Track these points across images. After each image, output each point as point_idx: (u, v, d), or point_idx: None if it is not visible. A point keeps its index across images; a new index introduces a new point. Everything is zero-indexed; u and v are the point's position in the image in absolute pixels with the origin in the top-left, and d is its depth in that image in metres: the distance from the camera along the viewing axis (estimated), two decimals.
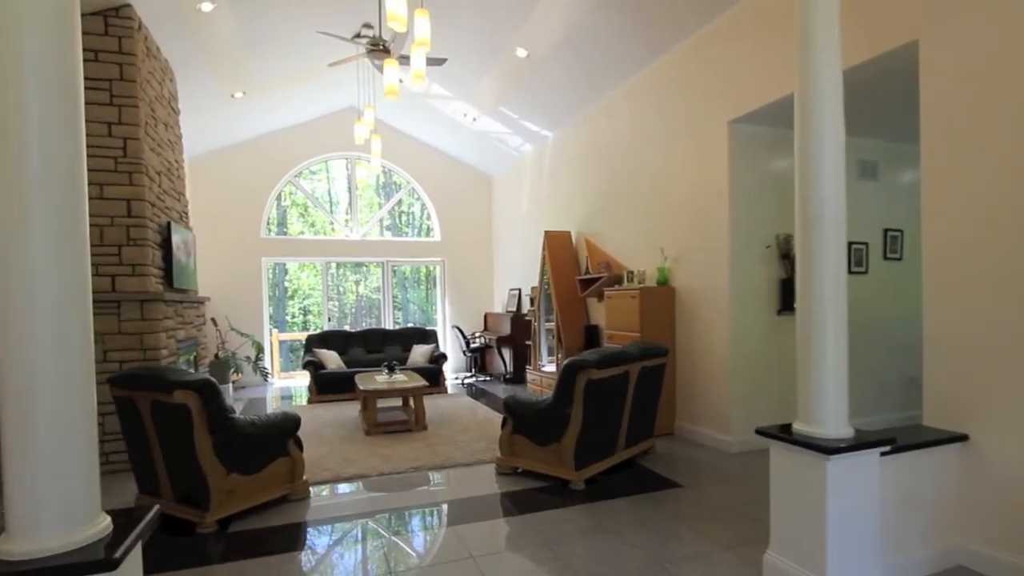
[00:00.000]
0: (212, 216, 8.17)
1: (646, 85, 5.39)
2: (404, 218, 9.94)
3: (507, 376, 8.15)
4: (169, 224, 4.63)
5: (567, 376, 3.53)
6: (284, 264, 9.16)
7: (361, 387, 5.09)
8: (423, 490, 3.73)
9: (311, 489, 3.60)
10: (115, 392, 3.08)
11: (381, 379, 5.49)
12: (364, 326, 9.31)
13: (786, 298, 4.55)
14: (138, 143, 4.26)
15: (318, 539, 2.97)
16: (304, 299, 10.39)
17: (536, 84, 6.35)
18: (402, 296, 10.25)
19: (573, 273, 6.63)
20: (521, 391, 7.34)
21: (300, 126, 8.57)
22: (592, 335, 6.28)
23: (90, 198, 4.35)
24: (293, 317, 10.12)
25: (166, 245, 4.63)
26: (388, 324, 9.27)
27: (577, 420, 3.53)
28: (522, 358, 8.01)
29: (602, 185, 6.30)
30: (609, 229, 6.15)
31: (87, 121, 4.11)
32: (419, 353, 7.43)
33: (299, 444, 3.49)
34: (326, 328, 8.93)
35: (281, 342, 9.63)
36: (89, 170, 4.21)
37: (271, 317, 9.19)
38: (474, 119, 7.81)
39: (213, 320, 7.82)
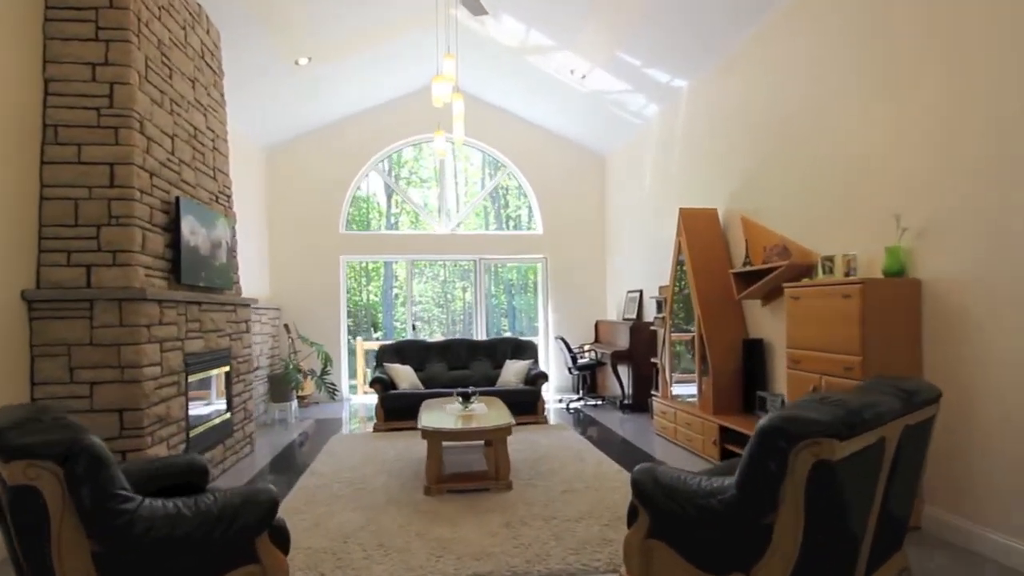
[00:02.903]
0: (289, 211, 7.35)
1: None
2: (511, 223, 8.55)
3: (625, 402, 6.34)
4: (177, 201, 3.54)
5: (768, 451, 1.73)
6: (392, 265, 8.11)
7: (422, 423, 3.64)
8: None
9: None
10: None
11: (453, 409, 4.02)
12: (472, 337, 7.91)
13: None
14: (129, 89, 3.19)
15: None
16: (414, 305, 9.49)
17: (667, 12, 4.56)
18: (507, 302, 8.89)
19: (722, 265, 4.71)
20: (646, 428, 5.49)
21: (377, 109, 7.49)
22: (754, 354, 4.32)
23: (64, 162, 3.16)
24: (402, 324, 9.20)
25: (175, 228, 3.54)
26: (480, 333, 7.88)
27: (792, 536, 1.72)
28: (645, 379, 6.16)
29: (765, 141, 4.33)
30: (781, 200, 4.17)
31: (62, 62, 3.13)
32: (512, 371, 5.89)
33: (280, 538, 2.07)
34: (409, 337, 7.74)
35: (369, 352, 8.68)
36: (63, 125, 2.97)
37: (379, 324, 8.22)
38: (583, 76, 6.17)
39: (286, 327, 6.93)
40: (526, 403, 5.49)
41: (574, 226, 7.98)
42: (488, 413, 3.93)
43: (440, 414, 3.95)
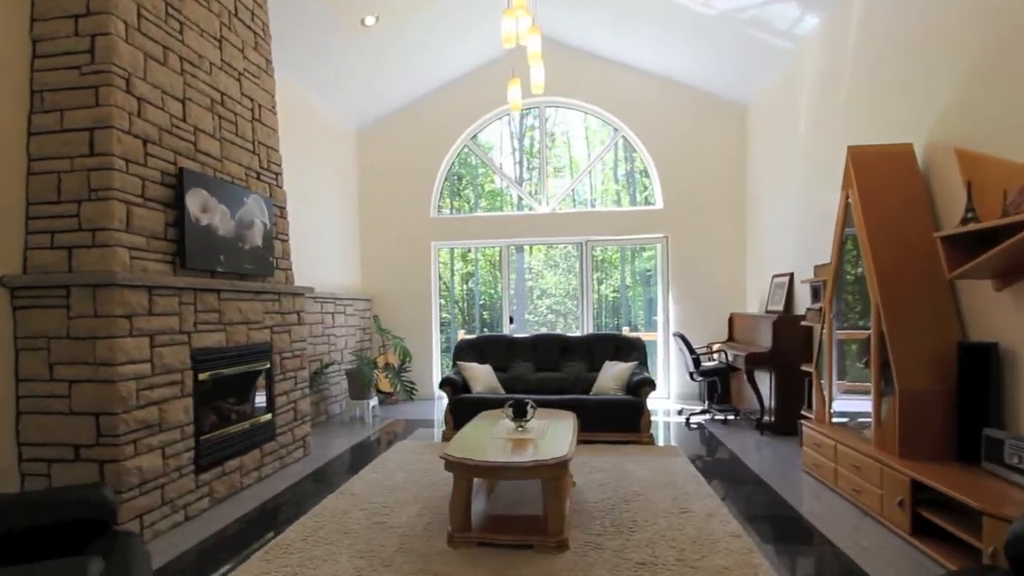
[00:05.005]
0: (379, 197, 6.96)
1: None
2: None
3: (764, 420, 4.80)
4: (181, 172, 3.07)
5: None
6: (525, 255, 7.34)
7: (447, 449, 2.72)
8: None
9: None
10: None
11: (502, 428, 3.05)
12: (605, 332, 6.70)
13: None
14: (110, 40, 2.74)
15: None
16: (548, 298, 8.80)
17: None
18: (644, 294, 7.66)
19: (921, 227, 3.07)
20: (791, 461, 3.97)
21: (460, 81, 6.71)
22: (979, 367, 2.67)
23: (44, 132, 2.38)
24: (536, 318, 8.53)
25: (180, 204, 3.08)
26: (587, 327, 6.78)
27: None
28: (793, 391, 4.55)
29: (996, 35, 2.63)
30: None
31: (48, 19, 2.72)
32: (610, 375, 4.73)
33: None
34: (506, 331, 6.92)
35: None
36: (48, 89, 1.12)
37: (511, 317, 7.65)
38: None
39: (375, 318, 6.55)
40: (625, 417, 4.32)
41: (703, 196, 6.45)
42: (546, 436, 2.89)
43: (485, 432, 3.02)
